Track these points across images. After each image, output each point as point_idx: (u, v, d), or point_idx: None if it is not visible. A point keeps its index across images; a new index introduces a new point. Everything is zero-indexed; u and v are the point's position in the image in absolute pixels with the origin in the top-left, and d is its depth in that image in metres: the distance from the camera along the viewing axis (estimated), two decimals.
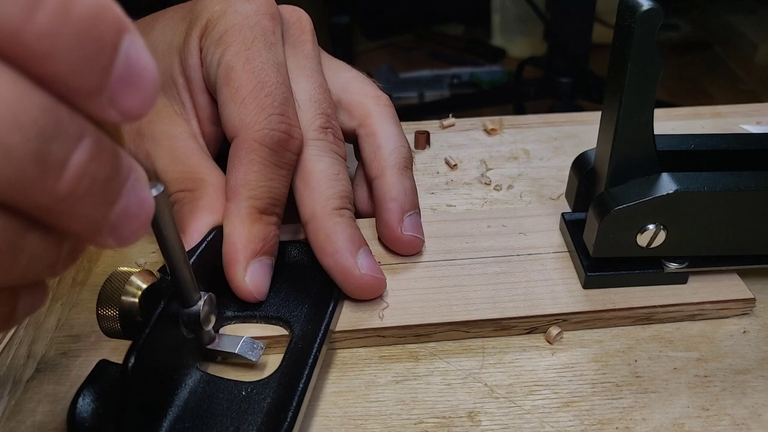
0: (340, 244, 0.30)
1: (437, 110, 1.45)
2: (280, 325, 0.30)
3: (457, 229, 0.36)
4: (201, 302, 0.26)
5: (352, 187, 0.34)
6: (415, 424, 0.27)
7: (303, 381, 0.26)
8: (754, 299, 0.31)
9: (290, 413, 0.25)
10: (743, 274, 0.32)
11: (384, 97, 0.37)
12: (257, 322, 0.30)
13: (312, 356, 0.27)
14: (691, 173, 0.30)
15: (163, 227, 0.23)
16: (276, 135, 0.30)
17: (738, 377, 0.28)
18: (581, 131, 0.47)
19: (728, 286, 0.31)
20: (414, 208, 0.34)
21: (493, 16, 1.75)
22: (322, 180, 0.31)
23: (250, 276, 0.30)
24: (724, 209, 0.29)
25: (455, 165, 0.43)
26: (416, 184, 0.41)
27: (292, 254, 0.33)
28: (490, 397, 0.28)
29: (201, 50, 0.32)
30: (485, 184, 0.41)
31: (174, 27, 0.34)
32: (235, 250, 0.29)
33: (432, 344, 0.30)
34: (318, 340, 0.28)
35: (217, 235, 0.30)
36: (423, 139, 0.45)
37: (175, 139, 0.33)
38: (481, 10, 1.76)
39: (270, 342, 0.29)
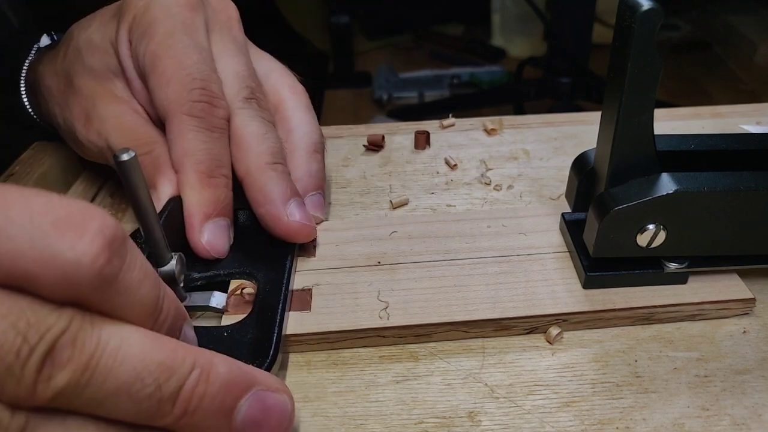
0: (271, 195, 0.33)
1: (437, 110, 1.45)
2: (245, 278, 0.32)
3: (457, 229, 0.36)
4: (173, 261, 0.29)
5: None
6: (416, 424, 0.27)
7: (279, 312, 0.29)
8: (754, 299, 0.31)
9: (273, 341, 0.28)
10: (743, 274, 0.32)
11: (300, 87, 0.39)
12: (223, 280, 0.32)
13: (282, 293, 0.30)
14: (691, 173, 0.30)
15: (136, 191, 0.25)
16: (198, 105, 0.33)
17: (738, 377, 0.28)
18: (581, 131, 0.47)
19: (728, 286, 0.31)
20: (317, 189, 0.37)
21: (493, 16, 1.75)
22: (252, 140, 0.34)
23: (207, 237, 0.32)
24: (724, 209, 0.29)
25: (455, 165, 0.43)
26: (417, 183, 0.42)
27: (243, 218, 0.36)
28: (490, 397, 0.28)
29: (131, 43, 0.35)
30: (485, 184, 0.41)
31: (107, 23, 0.37)
32: (190, 215, 0.32)
33: (432, 344, 0.30)
34: (285, 278, 0.31)
35: (175, 202, 0.32)
36: (423, 139, 0.45)
37: (121, 116, 0.36)
38: (481, 10, 1.76)
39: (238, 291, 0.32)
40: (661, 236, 0.30)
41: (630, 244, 0.30)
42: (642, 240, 0.30)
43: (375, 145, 0.45)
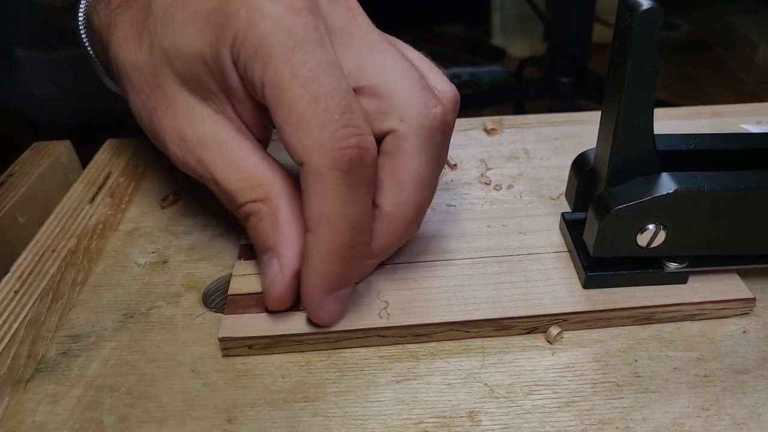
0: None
1: None
2: None
3: (457, 229, 0.36)
4: None
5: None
6: (416, 423, 0.27)
7: None
8: (754, 299, 0.31)
9: None
10: (743, 274, 0.32)
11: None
12: None
13: None
14: (691, 173, 0.30)
15: None
16: (345, 154, 0.26)
17: (738, 377, 0.28)
18: (581, 131, 0.47)
19: (728, 286, 0.31)
20: None
21: (493, 16, 1.75)
22: (412, 185, 0.29)
23: (326, 311, 0.29)
24: (725, 209, 0.29)
25: (455, 165, 0.43)
26: None
27: None
28: (490, 397, 0.28)
29: (236, 65, 0.28)
30: (485, 184, 0.41)
31: (200, 25, 0.29)
32: (311, 286, 0.28)
33: (432, 344, 0.30)
34: None
35: None
36: None
37: (226, 145, 0.30)
38: (481, 10, 1.76)
39: None
40: (661, 236, 0.30)
41: (630, 244, 0.30)
42: (642, 240, 0.30)
43: None
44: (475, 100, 1.50)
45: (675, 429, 0.26)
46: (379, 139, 0.29)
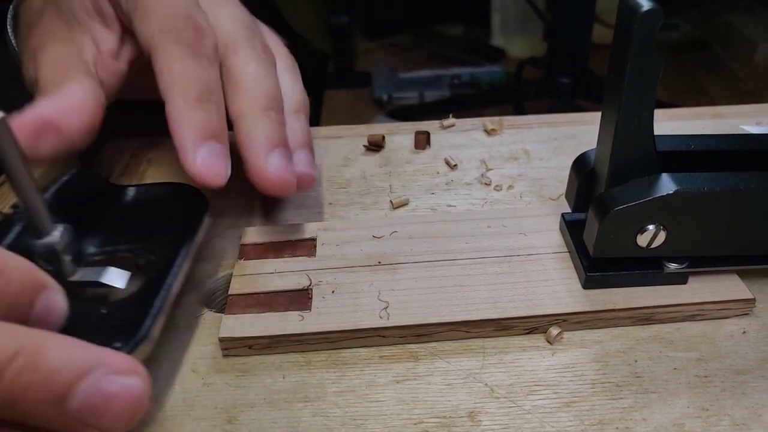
0: (256, 140, 0.31)
1: (437, 110, 1.45)
2: (145, 254, 0.31)
3: (457, 230, 0.36)
4: (56, 232, 0.27)
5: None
6: (416, 424, 0.27)
7: (163, 288, 0.28)
8: (754, 299, 0.31)
9: (147, 317, 0.26)
10: (743, 275, 0.32)
11: (284, 49, 0.38)
12: (124, 256, 0.30)
13: (173, 268, 0.29)
14: (691, 174, 0.30)
15: (5, 155, 0.24)
16: (185, 33, 0.31)
17: (738, 377, 0.28)
18: (581, 131, 0.47)
19: (728, 287, 0.31)
20: (302, 146, 0.35)
21: (493, 16, 1.75)
22: (249, 81, 0.33)
23: (201, 158, 0.30)
24: (724, 210, 0.29)
25: (455, 165, 0.43)
26: (417, 184, 0.42)
27: (155, 194, 0.34)
28: (490, 397, 0.28)
29: None
30: (485, 184, 0.41)
31: None
32: (181, 139, 0.30)
33: (432, 344, 0.30)
34: (180, 252, 0.30)
35: (79, 173, 0.31)
36: (423, 140, 0.45)
37: (62, 55, 0.33)
38: (481, 10, 1.76)
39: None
40: (661, 236, 0.30)
41: (630, 245, 0.30)
42: (642, 240, 0.30)
43: (375, 146, 0.45)
44: (475, 101, 1.50)
45: (675, 429, 0.26)
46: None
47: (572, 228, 0.34)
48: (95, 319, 0.26)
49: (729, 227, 0.30)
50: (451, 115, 0.48)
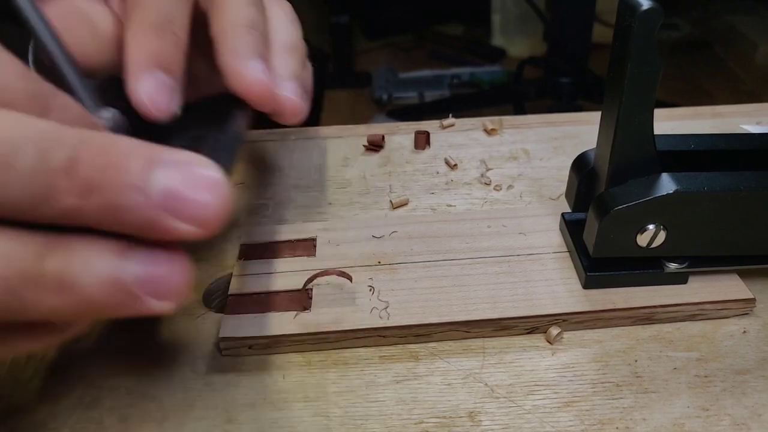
0: (237, 48, 0.29)
1: (437, 110, 1.45)
2: None
3: (457, 229, 0.36)
4: (107, 113, 0.26)
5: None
6: (416, 424, 0.27)
7: None
8: (754, 299, 0.31)
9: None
10: (743, 274, 0.32)
11: (286, 2, 0.35)
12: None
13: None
14: (691, 173, 0.30)
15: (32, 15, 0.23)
16: None
17: (738, 377, 0.28)
18: (581, 131, 0.47)
19: (728, 286, 0.31)
20: (293, 78, 0.32)
21: (493, 16, 1.75)
22: (234, 3, 0.30)
23: (146, 87, 0.28)
24: (724, 209, 0.29)
25: (455, 165, 0.43)
26: (417, 183, 0.42)
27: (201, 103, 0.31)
28: (490, 397, 0.28)
29: None
30: (485, 184, 0.41)
31: None
32: (127, 63, 0.28)
33: (432, 344, 0.30)
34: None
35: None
36: (423, 139, 0.45)
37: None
38: (481, 10, 1.77)
39: None
40: (661, 236, 0.30)
41: (630, 244, 0.30)
42: (642, 240, 0.30)
43: (375, 145, 0.45)
44: (475, 100, 1.50)
45: (675, 429, 0.26)
46: None
47: (572, 228, 0.34)
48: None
49: (729, 227, 0.30)
50: (450, 115, 0.48)
